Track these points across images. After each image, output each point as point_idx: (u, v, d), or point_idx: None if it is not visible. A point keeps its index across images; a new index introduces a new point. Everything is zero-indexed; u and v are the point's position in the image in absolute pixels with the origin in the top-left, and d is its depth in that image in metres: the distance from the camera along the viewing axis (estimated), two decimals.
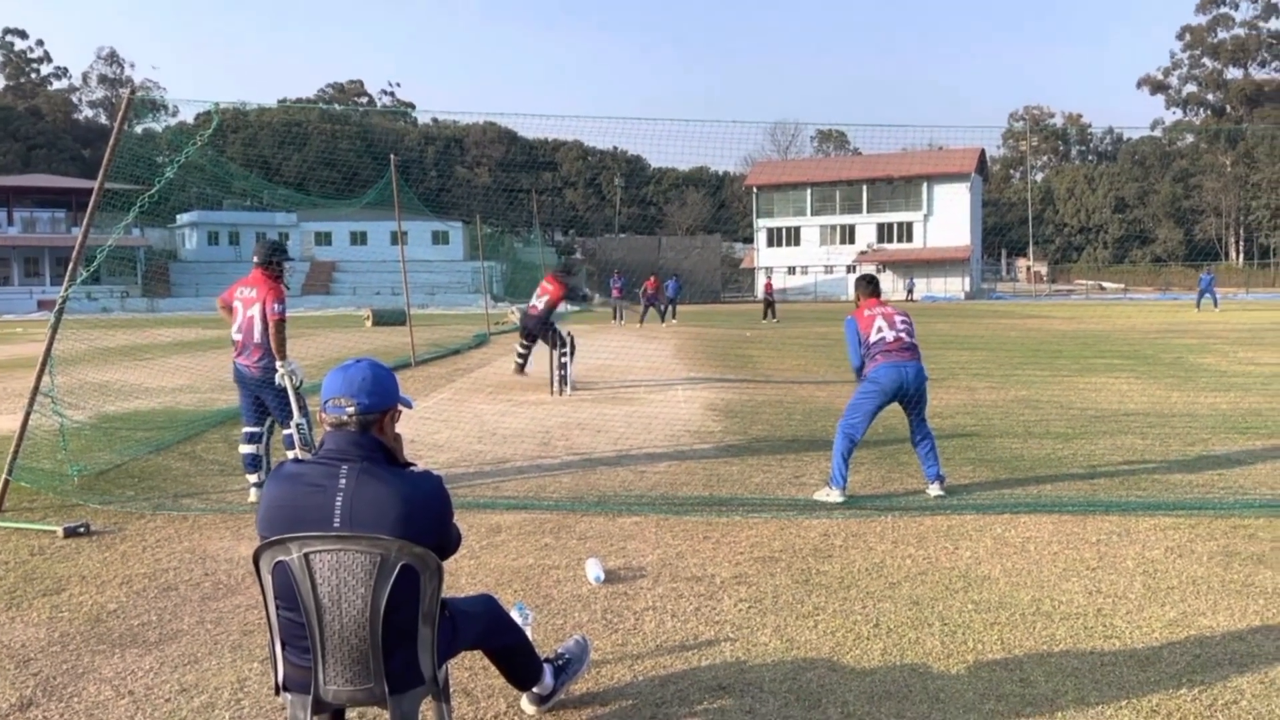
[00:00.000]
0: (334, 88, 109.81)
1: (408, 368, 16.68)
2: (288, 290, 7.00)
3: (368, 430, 2.73)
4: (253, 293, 6.83)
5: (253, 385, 6.83)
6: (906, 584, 4.81)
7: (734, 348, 21.78)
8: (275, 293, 6.78)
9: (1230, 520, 5.88)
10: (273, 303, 6.74)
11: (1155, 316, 35.05)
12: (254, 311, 6.77)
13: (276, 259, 6.92)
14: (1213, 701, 3.44)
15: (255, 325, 6.75)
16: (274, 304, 6.74)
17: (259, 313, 6.74)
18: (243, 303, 6.85)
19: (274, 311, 6.73)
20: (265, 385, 6.77)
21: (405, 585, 2.58)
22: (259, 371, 6.75)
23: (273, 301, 6.74)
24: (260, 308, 6.76)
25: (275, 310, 6.73)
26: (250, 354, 6.79)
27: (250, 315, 6.78)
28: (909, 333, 6.61)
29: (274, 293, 6.77)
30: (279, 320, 6.74)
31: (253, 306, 6.78)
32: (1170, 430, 9.23)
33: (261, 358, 6.75)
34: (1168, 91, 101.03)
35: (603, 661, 3.88)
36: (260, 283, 6.84)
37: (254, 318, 6.76)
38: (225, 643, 4.16)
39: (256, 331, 6.75)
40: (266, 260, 6.90)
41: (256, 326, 6.75)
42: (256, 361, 6.75)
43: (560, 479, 7.47)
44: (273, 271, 6.89)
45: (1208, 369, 15.25)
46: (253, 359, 6.78)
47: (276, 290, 6.81)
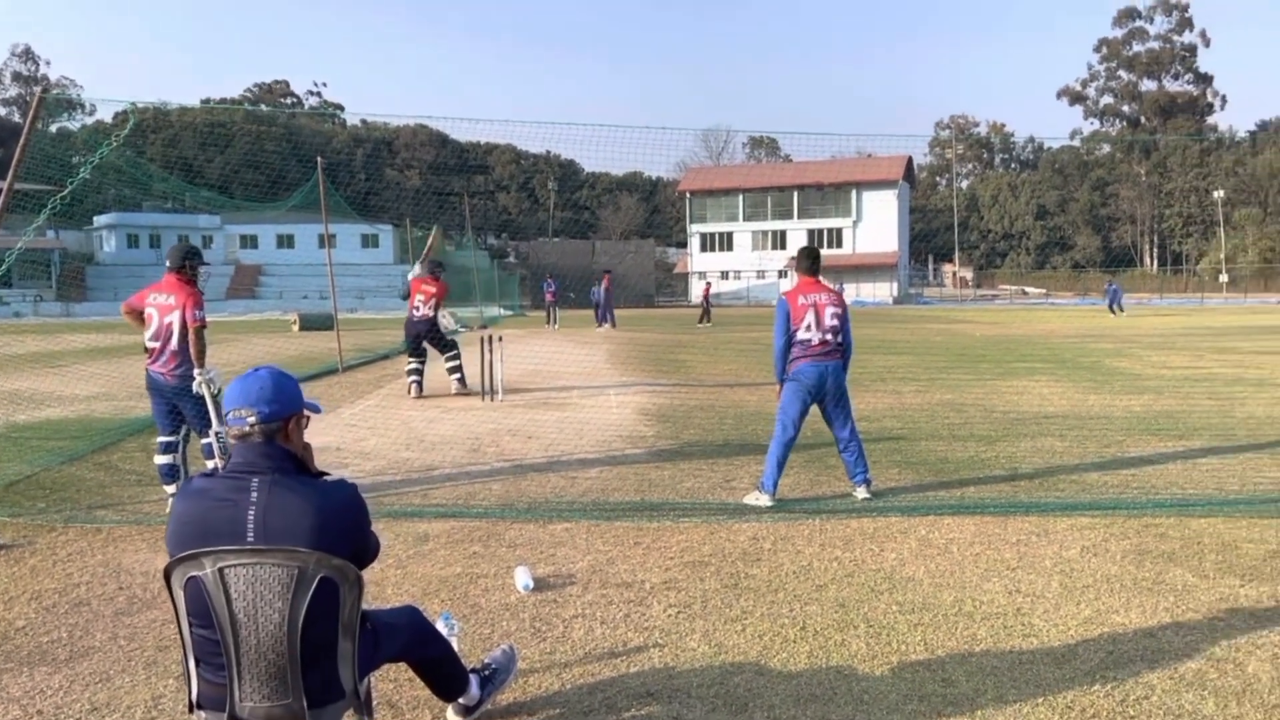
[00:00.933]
0: (259, 88, 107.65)
1: (334, 374, 16.40)
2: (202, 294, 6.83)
3: (273, 440, 2.67)
4: (169, 299, 6.63)
5: (169, 393, 6.65)
6: (833, 586, 4.87)
7: (667, 352, 21.86)
8: (194, 298, 6.60)
9: (1143, 519, 6.06)
10: (193, 309, 6.56)
11: (1075, 321, 36.09)
12: (172, 318, 6.58)
13: (191, 263, 6.74)
14: (1125, 697, 3.54)
15: (174, 332, 6.56)
16: (194, 310, 6.56)
17: (177, 319, 6.56)
18: (158, 309, 6.65)
19: (194, 318, 6.56)
20: (182, 393, 6.59)
21: (324, 598, 2.53)
22: (175, 379, 6.56)
23: (193, 308, 6.57)
24: (179, 314, 6.57)
25: (196, 316, 6.56)
26: (167, 361, 6.60)
27: (168, 322, 6.58)
28: (835, 331, 6.65)
29: (193, 298, 6.60)
30: (200, 327, 6.57)
31: (170, 314, 6.59)
32: (1087, 432, 9.50)
33: (179, 365, 6.56)
34: (1085, 102, 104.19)
35: (530, 670, 3.85)
36: (176, 288, 6.65)
37: (172, 324, 6.57)
38: (139, 659, 4.04)
39: (174, 339, 6.56)
40: (180, 265, 6.71)
41: (175, 333, 6.56)
42: (173, 369, 6.57)
43: (490, 486, 7.41)
44: (187, 276, 6.71)
45: (1123, 372, 15.73)
46: (169, 366, 6.59)
47: (195, 296, 6.63)
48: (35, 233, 8.06)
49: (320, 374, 16.12)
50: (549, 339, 25.83)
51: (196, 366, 6.51)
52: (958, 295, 75.89)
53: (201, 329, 6.58)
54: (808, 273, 6.84)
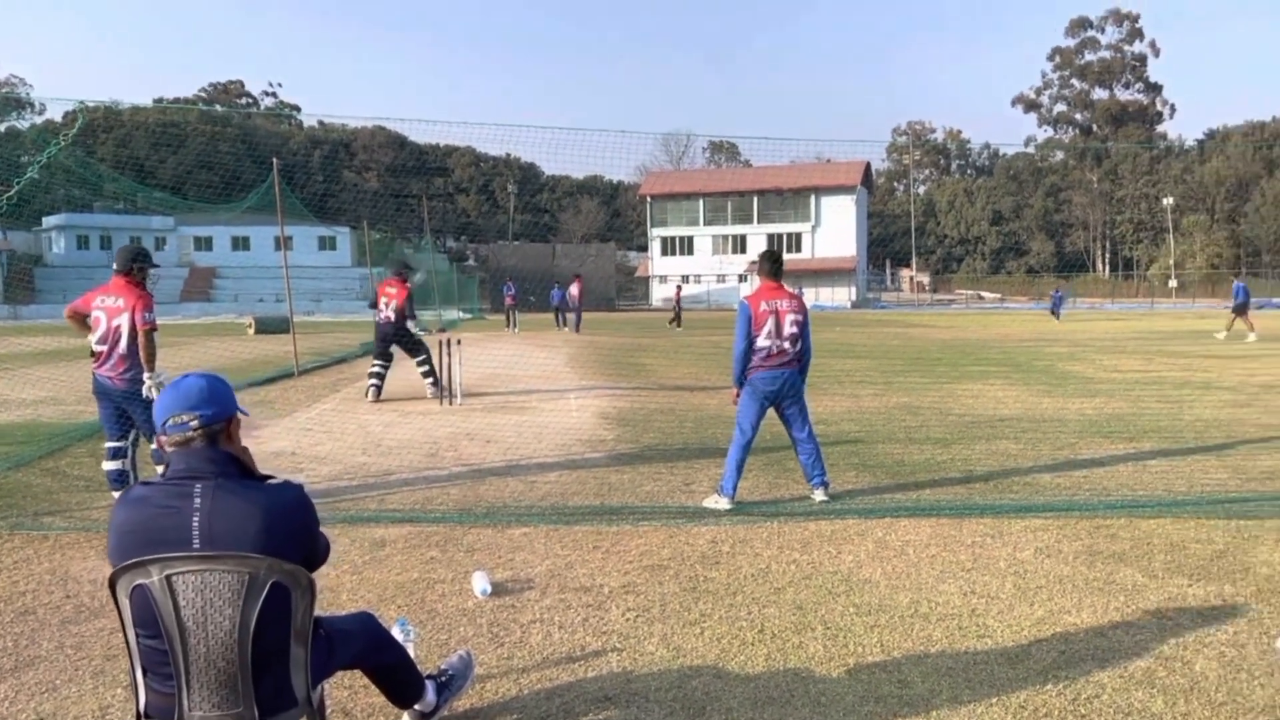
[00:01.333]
0: (214, 87, 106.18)
1: (290, 377, 16.19)
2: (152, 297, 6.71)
3: (215, 443, 2.63)
4: (117, 301, 6.51)
5: (117, 398, 6.52)
6: (791, 589, 4.89)
7: (627, 356, 21.86)
8: (144, 301, 6.48)
9: (1094, 520, 6.16)
10: (143, 311, 6.44)
11: (1029, 325, 36.62)
12: (120, 321, 6.45)
13: (140, 265, 6.61)
14: (1076, 696, 3.59)
15: (122, 335, 6.44)
16: (144, 313, 6.44)
17: (126, 322, 6.43)
18: (105, 312, 6.51)
19: (144, 320, 6.44)
20: (131, 398, 6.47)
21: (275, 604, 2.49)
22: (124, 383, 6.43)
23: (143, 310, 6.44)
24: (129, 317, 6.45)
25: (146, 319, 6.44)
26: (115, 365, 6.47)
27: (116, 325, 6.46)
28: (794, 339, 6.68)
29: (143, 301, 6.47)
30: (150, 329, 6.45)
31: (118, 316, 6.46)
32: (1041, 435, 9.64)
33: (127, 369, 6.44)
34: (1040, 110, 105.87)
35: (487, 676, 3.83)
36: (125, 291, 6.53)
37: (120, 327, 6.45)
38: (87, 669, 3.95)
39: (123, 342, 6.44)
40: (127, 267, 6.58)
41: (124, 337, 6.43)
42: (122, 373, 6.44)
43: (448, 491, 7.35)
44: (135, 278, 6.58)
45: (1076, 376, 15.99)
46: (118, 370, 6.46)
47: (145, 298, 6.51)
48: None
49: (276, 378, 15.91)
50: (508, 342, 25.71)
51: (147, 370, 6.39)
52: (915, 300, 76.73)
53: (152, 332, 6.47)
54: (770, 276, 6.84)
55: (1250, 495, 6.86)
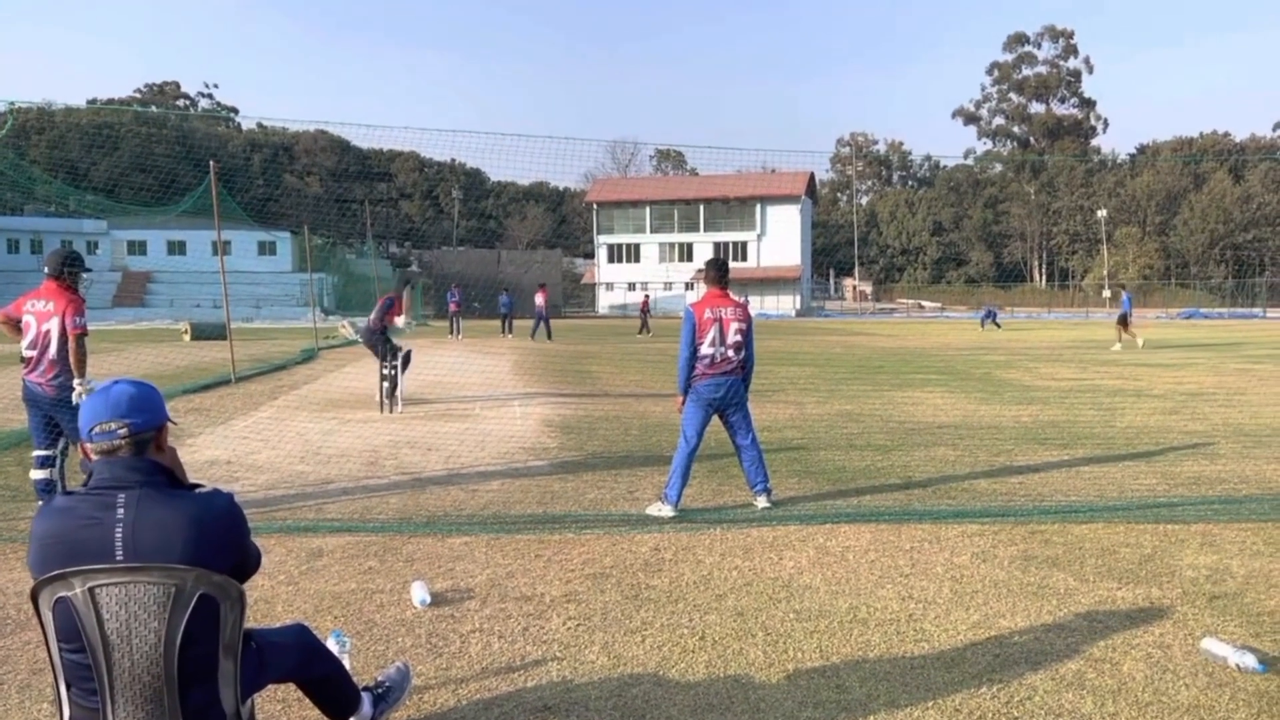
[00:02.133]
0: (150, 88, 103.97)
1: (227, 384, 15.88)
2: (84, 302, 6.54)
3: (143, 452, 2.56)
4: (47, 305, 6.34)
5: (45, 404, 6.34)
6: (732, 595, 4.91)
7: (573, 363, 21.80)
8: (74, 305, 6.31)
9: (1029, 526, 6.28)
10: (73, 316, 6.27)
11: (968, 335, 37.29)
12: (50, 325, 6.29)
13: (70, 269, 6.44)
14: (1010, 699, 3.65)
15: (52, 340, 6.27)
16: (74, 317, 6.27)
17: (56, 326, 6.27)
18: (35, 316, 6.34)
19: (74, 325, 6.27)
20: (60, 405, 6.30)
21: (203, 616, 2.43)
22: (53, 390, 6.26)
23: (73, 315, 6.27)
24: (59, 321, 6.28)
25: (76, 324, 6.27)
26: (44, 371, 6.30)
27: (45, 329, 6.29)
28: (738, 347, 6.72)
29: (73, 305, 6.30)
30: (80, 334, 6.29)
31: (48, 320, 6.30)
32: (978, 442, 9.81)
33: (57, 375, 6.27)
34: (979, 123, 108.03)
35: (425, 687, 3.78)
36: (55, 295, 6.36)
37: (49, 332, 6.28)
38: (12, 683, 3.83)
39: (53, 347, 6.27)
40: (59, 271, 6.41)
41: (53, 342, 6.27)
42: (51, 379, 6.27)
43: (388, 500, 7.26)
44: (66, 283, 6.41)
45: (1013, 384, 16.31)
46: (47, 376, 6.29)
47: (76, 303, 6.34)
48: None
49: (212, 385, 15.59)
50: (452, 349, 25.50)
51: (76, 376, 6.22)
52: (857, 309, 77.73)
53: (82, 337, 6.30)
54: (715, 284, 6.87)
55: (1177, 500, 7.05)
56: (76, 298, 6.40)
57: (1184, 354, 23.82)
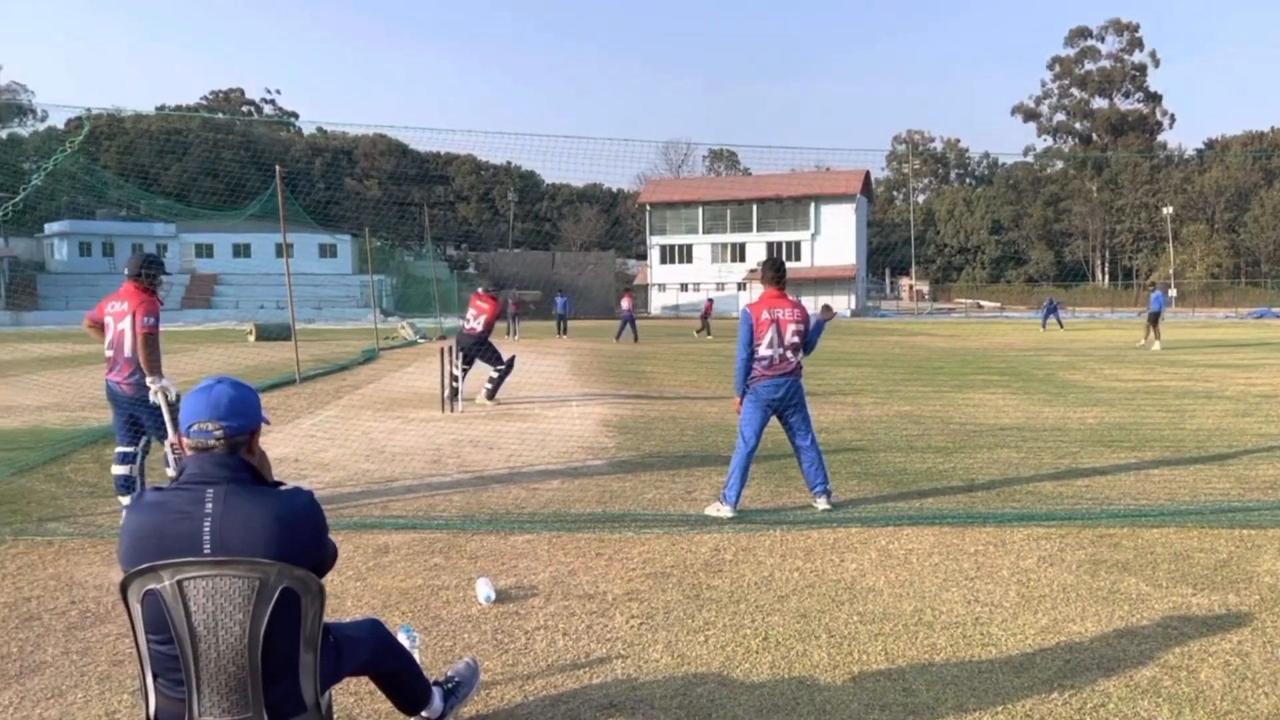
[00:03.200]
0: (216, 95, 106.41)
1: (292, 384, 16.20)
2: (161, 304, 6.72)
3: (235, 452, 2.63)
4: (123, 306, 6.54)
5: (125, 403, 6.53)
6: (794, 597, 4.89)
7: (628, 363, 21.87)
8: (146, 305, 6.48)
9: (1097, 529, 6.17)
10: (143, 316, 6.45)
11: (1029, 334, 36.65)
12: (124, 325, 6.48)
13: (148, 271, 6.63)
14: (1082, 705, 3.59)
15: (125, 340, 6.46)
16: (144, 317, 6.44)
17: (129, 326, 6.46)
18: (113, 317, 6.55)
19: (144, 325, 6.44)
20: (139, 403, 6.48)
21: (286, 610, 2.50)
22: (130, 389, 6.45)
23: (143, 315, 6.45)
24: (130, 321, 6.47)
25: (145, 324, 6.44)
26: (121, 370, 6.49)
27: (121, 330, 6.49)
28: (796, 349, 6.70)
29: (144, 306, 6.48)
30: (148, 334, 6.44)
31: (123, 320, 6.49)
32: (1043, 444, 9.64)
33: (133, 374, 6.46)
34: (1039, 119, 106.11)
35: (493, 682, 3.83)
36: (132, 296, 6.55)
37: (124, 332, 6.47)
38: (93, 674, 3.95)
39: (127, 346, 6.46)
40: (137, 273, 6.61)
41: (127, 341, 6.45)
42: (127, 378, 6.46)
43: (451, 497, 7.36)
44: (144, 284, 6.60)
45: (1077, 385, 16.00)
46: (124, 375, 6.48)
47: (148, 303, 6.51)
48: None
49: (278, 384, 15.92)
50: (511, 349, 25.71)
51: (148, 375, 6.39)
52: (914, 308, 76.80)
53: (150, 336, 6.45)
54: (772, 284, 6.84)
55: (1253, 504, 6.86)
56: (150, 299, 6.57)
57: (1257, 354, 23.17)
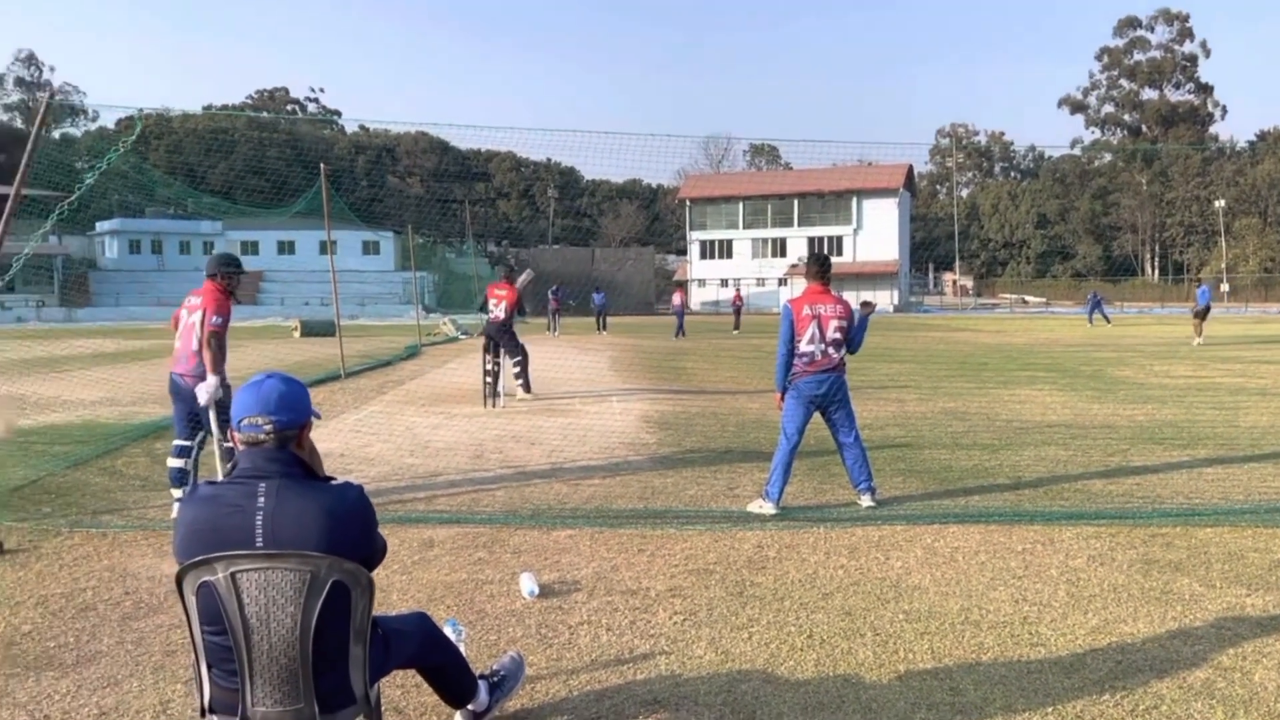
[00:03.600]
0: (261, 94, 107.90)
1: (337, 380, 16.40)
2: (236, 303, 6.83)
3: (285, 446, 2.66)
4: (198, 302, 6.70)
5: (187, 397, 6.64)
6: (839, 595, 4.86)
7: (668, 359, 21.86)
8: (215, 304, 6.59)
9: (1149, 529, 6.06)
10: (213, 314, 6.56)
11: (1076, 330, 36.09)
12: (194, 320, 6.63)
13: (225, 271, 6.75)
14: (1134, 707, 3.53)
15: (193, 335, 6.60)
16: (213, 316, 6.55)
17: (198, 321, 6.59)
18: (187, 310, 6.74)
19: (211, 324, 6.54)
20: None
21: (336, 603, 2.53)
22: (194, 382, 6.55)
23: (213, 313, 6.56)
24: (200, 316, 6.61)
25: (213, 322, 6.54)
26: (186, 364, 6.63)
27: (190, 324, 6.65)
28: (838, 345, 6.65)
29: (215, 305, 6.58)
30: (214, 332, 6.54)
31: (195, 315, 6.65)
32: (1091, 441, 9.49)
33: (197, 368, 6.59)
34: (1087, 111, 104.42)
35: (537, 677, 3.85)
36: (206, 293, 6.70)
37: (193, 327, 6.62)
38: (147, 664, 4.03)
39: (193, 341, 6.59)
40: (214, 272, 6.75)
41: (194, 336, 6.59)
42: (191, 371, 6.58)
43: (494, 492, 7.40)
44: (221, 284, 6.73)
45: (1126, 382, 15.73)
46: (188, 369, 6.61)
47: (219, 303, 6.62)
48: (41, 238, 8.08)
49: (323, 380, 16.12)
50: (550, 345, 25.83)
51: (209, 371, 6.49)
52: (958, 304, 75.93)
53: (215, 335, 6.55)
54: (816, 279, 6.78)
55: None
56: (223, 299, 6.67)
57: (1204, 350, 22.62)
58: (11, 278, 7.43)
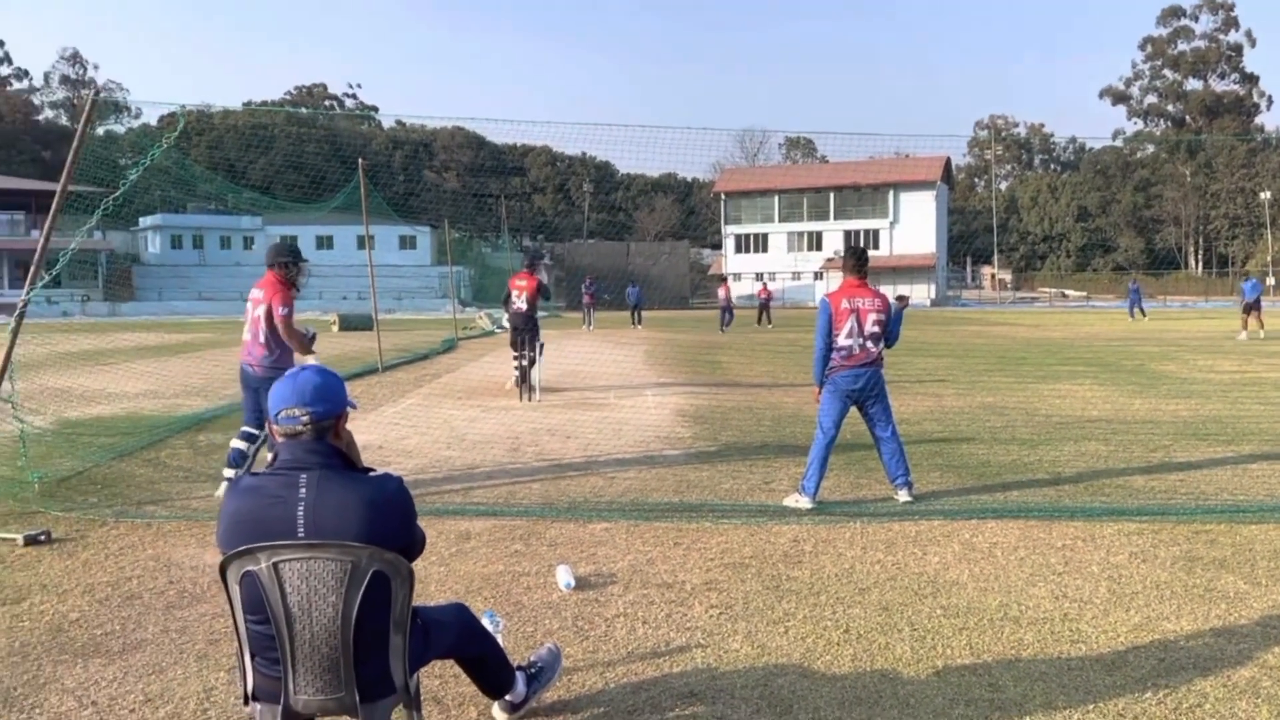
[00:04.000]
0: (300, 90, 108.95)
1: (375, 373, 16.55)
2: (297, 292, 6.96)
3: (323, 437, 2.69)
4: (260, 294, 6.86)
5: (255, 384, 6.83)
6: (876, 590, 4.84)
7: (703, 353, 21.83)
8: (280, 296, 6.77)
9: (1192, 525, 5.97)
10: (279, 306, 6.75)
11: (1117, 324, 35.57)
12: (259, 312, 6.82)
13: (283, 260, 6.91)
14: (1178, 705, 3.48)
15: (260, 326, 6.78)
16: (280, 308, 6.75)
17: (264, 314, 6.77)
18: (250, 303, 6.93)
19: (280, 315, 6.74)
20: (267, 385, 6.74)
21: (376, 592, 2.55)
22: (262, 371, 6.79)
23: (279, 305, 6.75)
24: (266, 309, 6.78)
25: (280, 314, 6.75)
26: (254, 353, 6.85)
27: (256, 315, 6.84)
28: (876, 339, 6.61)
29: (279, 296, 6.77)
30: (285, 323, 6.73)
31: (259, 307, 6.83)
32: (1133, 437, 9.36)
33: (265, 357, 6.78)
34: (1129, 102, 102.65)
35: (574, 669, 3.87)
36: (269, 284, 6.86)
37: (259, 318, 6.81)
38: (191, 652, 4.10)
39: (261, 332, 6.78)
40: (273, 262, 6.91)
41: (261, 327, 6.77)
42: (260, 360, 6.81)
43: (530, 485, 7.44)
44: (281, 273, 6.88)
45: (1169, 376, 15.48)
46: (256, 358, 6.83)
47: (282, 293, 6.79)
48: (86, 233, 8.23)
49: (361, 373, 16.28)
50: (585, 340, 25.90)
51: (301, 355, 6.69)
52: (996, 298, 75.10)
53: (286, 325, 6.74)
54: (854, 273, 6.75)
55: None
56: (284, 289, 6.84)
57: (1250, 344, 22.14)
58: (58, 273, 7.57)
